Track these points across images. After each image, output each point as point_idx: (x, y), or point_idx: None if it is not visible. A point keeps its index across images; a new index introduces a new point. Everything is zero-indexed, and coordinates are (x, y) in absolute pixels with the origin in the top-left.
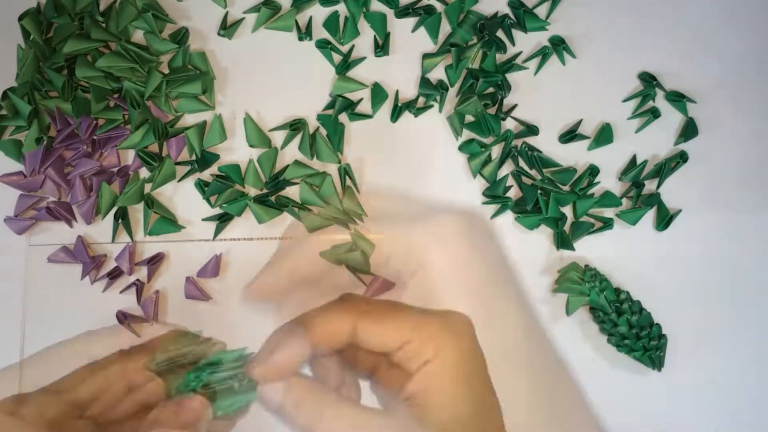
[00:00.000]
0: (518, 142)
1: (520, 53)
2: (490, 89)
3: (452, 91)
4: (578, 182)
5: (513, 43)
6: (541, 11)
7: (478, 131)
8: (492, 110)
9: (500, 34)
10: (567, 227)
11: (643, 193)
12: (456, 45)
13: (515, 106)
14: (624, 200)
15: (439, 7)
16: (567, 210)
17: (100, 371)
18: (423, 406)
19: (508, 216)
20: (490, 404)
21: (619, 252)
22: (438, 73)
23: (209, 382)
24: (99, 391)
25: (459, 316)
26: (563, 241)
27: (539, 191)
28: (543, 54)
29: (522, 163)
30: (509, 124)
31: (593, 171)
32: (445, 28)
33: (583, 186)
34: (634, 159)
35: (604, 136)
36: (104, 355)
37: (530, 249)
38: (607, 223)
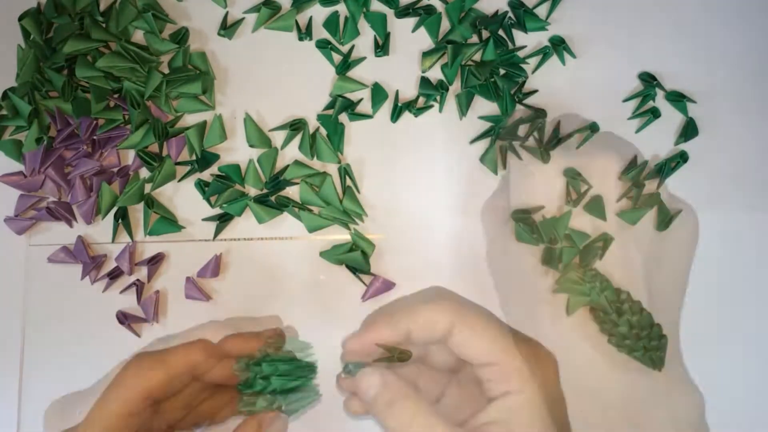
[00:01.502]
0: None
1: (524, 47)
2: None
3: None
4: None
5: (513, 43)
6: (541, 11)
7: (488, 97)
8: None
9: (500, 33)
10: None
11: (644, 193)
12: (453, 42)
13: (535, 91)
14: (624, 200)
15: (440, 6)
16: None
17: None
18: None
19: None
20: None
21: (620, 252)
22: (438, 73)
23: (282, 390)
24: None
25: (546, 351)
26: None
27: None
28: (543, 54)
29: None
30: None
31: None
32: (445, 27)
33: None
34: (634, 159)
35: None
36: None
37: (531, 247)
38: (606, 241)
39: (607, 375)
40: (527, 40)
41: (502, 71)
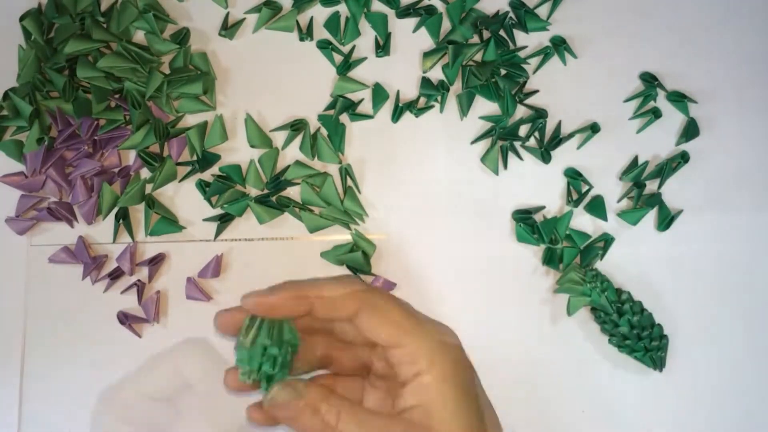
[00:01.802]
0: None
1: (524, 47)
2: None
3: (456, 85)
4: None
5: (514, 43)
6: (542, 12)
7: (489, 97)
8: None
9: (501, 33)
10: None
11: (644, 194)
12: (454, 42)
13: (536, 91)
14: (625, 200)
15: (440, 6)
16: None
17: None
18: (429, 416)
19: (508, 218)
20: (487, 411)
21: (620, 252)
22: (439, 74)
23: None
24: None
25: (448, 328)
26: (551, 260)
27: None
28: (545, 54)
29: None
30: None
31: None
32: (446, 27)
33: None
34: (635, 159)
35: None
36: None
37: (531, 248)
38: (608, 241)
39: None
40: (528, 41)
41: (503, 71)
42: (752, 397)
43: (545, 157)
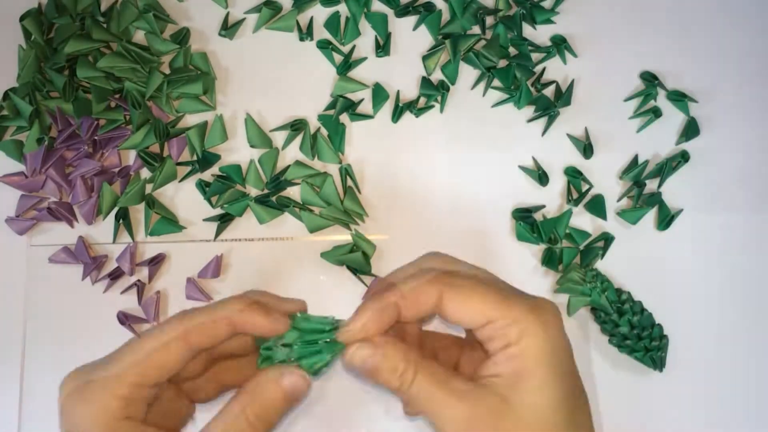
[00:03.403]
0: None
1: (532, 42)
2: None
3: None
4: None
5: (521, 37)
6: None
7: (505, 81)
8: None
9: (509, 24)
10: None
11: (644, 193)
12: (451, 35)
13: (554, 81)
14: (625, 200)
15: (440, 3)
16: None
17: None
18: (510, 386)
19: (507, 216)
20: (580, 390)
21: (620, 252)
22: (439, 74)
23: (299, 353)
24: (202, 366)
25: (547, 303)
26: (550, 260)
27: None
28: (546, 53)
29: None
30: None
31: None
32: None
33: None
34: (635, 158)
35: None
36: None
37: (531, 248)
38: (608, 240)
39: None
40: (530, 38)
41: (515, 62)
42: (752, 397)
43: (587, 152)
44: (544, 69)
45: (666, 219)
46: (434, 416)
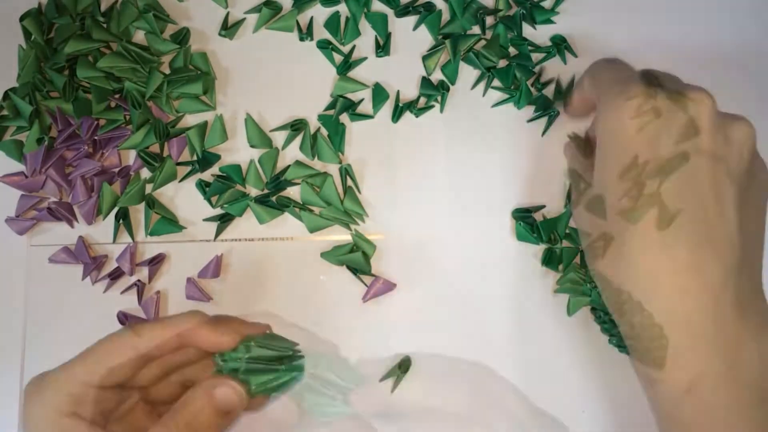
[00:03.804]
0: None
1: (532, 42)
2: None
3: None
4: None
5: (521, 37)
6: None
7: (505, 81)
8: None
9: (509, 24)
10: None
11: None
12: (451, 35)
13: (552, 80)
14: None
15: (440, 3)
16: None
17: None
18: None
19: (509, 218)
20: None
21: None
22: (439, 74)
23: (254, 368)
24: (156, 376)
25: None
26: (549, 260)
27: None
28: (546, 53)
29: None
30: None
31: None
32: (446, 23)
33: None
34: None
35: None
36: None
37: (532, 248)
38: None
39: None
40: (531, 39)
41: (516, 62)
42: None
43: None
44: (542, 69)
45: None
46: None
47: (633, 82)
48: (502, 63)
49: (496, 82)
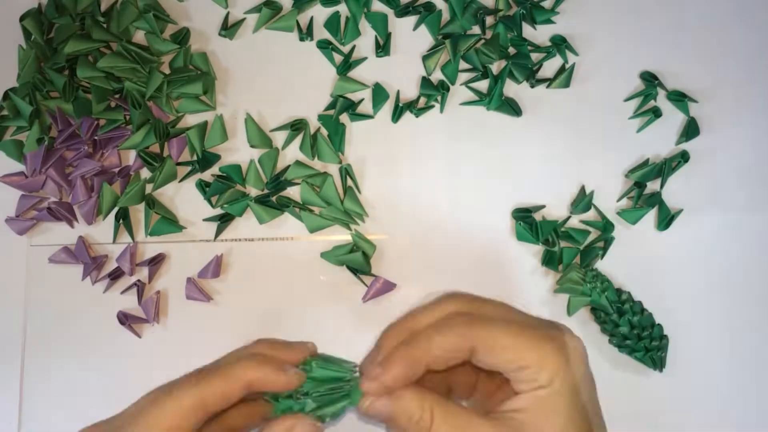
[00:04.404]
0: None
1: (532, 43)
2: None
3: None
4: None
5: (521, 37)
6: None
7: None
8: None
9: (509, 24)
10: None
11: (644, 193)
12: (451, 35)
13: (549, 79)
14: (625, 200)
15: (440, 3)
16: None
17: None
18: (535, 423)
19: (507, 216)
20: (600, 419)
21: (620, 252)
22: (439, 74)
23: (318, 403)
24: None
25: (574, 339)
26: (550, 260)
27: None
28: (547, 53)
29: None
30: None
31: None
32: (446, 23)
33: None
34: (646, 161)
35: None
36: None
37: (532, 248)
38: (608, 240)
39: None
40: (531, 39)
41: (514, 61)
42: (752, 397)
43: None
44: (540, 66)
45: (666, 219)
46: None
47: None
48: (502, 63)
49: (483, 84)
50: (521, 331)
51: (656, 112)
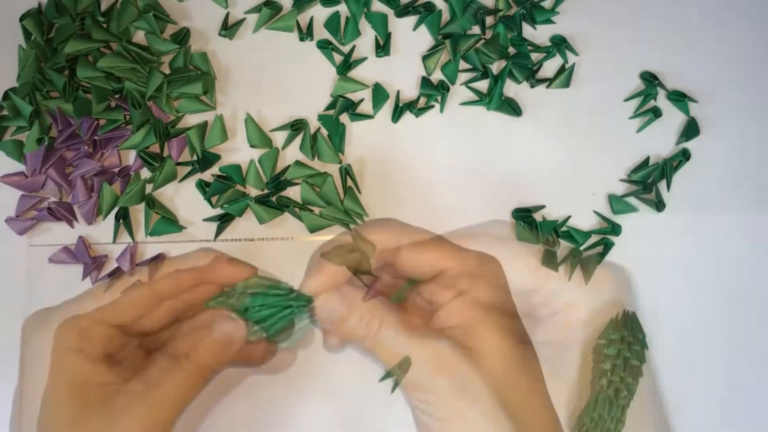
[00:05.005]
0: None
1: (532, 43)
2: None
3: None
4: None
5: (521, 36)
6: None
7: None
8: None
9: (509, 24)
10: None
11: (645, 196)
12: (451, 35)
13: (548, 79)
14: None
15: (440, 3)
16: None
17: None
18: (465, 334)
19: (509, 218)
20: (524, 334)
21: (620, 252)
22: (439, 74)
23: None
24: (161, 321)
25: (493, 259)
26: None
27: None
28: (546, 53)
29: None
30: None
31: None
32: (446, 23)
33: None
34: (647, 160)
35: None
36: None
37: (532, 248)
38: (607, 245)
39: None
40: (531, 39)
41: (514, 61)
42: (751, 398)
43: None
44: (540, 66)
45: (658, 201)
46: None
47: None
48: (502, 63)
49: (482, 84)
50: (442, 241)
51: (656, 112)
